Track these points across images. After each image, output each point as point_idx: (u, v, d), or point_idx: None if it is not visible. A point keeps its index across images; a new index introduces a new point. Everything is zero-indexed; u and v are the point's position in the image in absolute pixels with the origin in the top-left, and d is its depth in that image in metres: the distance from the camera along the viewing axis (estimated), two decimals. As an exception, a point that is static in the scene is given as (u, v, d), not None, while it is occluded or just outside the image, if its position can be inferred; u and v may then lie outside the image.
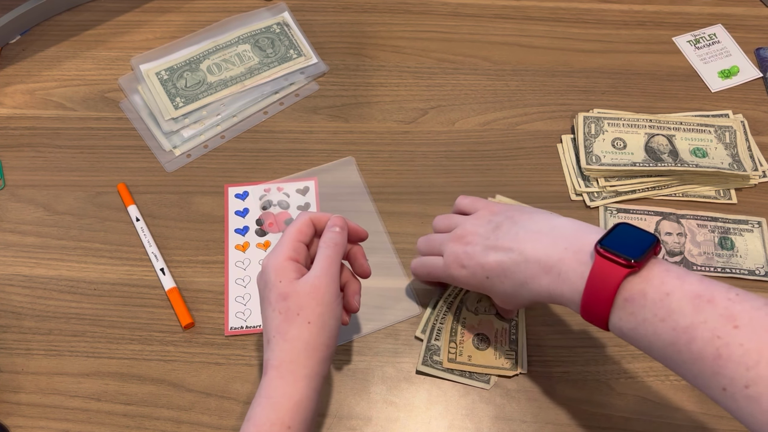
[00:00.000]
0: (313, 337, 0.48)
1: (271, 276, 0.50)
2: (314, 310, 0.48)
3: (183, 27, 0.81)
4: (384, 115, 0.75)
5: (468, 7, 0.83)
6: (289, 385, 0.47)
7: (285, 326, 0.48)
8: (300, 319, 0.48)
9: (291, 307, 0.49)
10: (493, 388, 0.59)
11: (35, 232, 0.68)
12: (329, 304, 0.49)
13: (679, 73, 0.78)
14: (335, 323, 0.50)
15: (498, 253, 0.51)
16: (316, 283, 0.49)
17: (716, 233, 0.67)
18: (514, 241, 0.50)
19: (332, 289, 0.50)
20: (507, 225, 0.52)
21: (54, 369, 0.60)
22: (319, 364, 0.48)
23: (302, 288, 0.49)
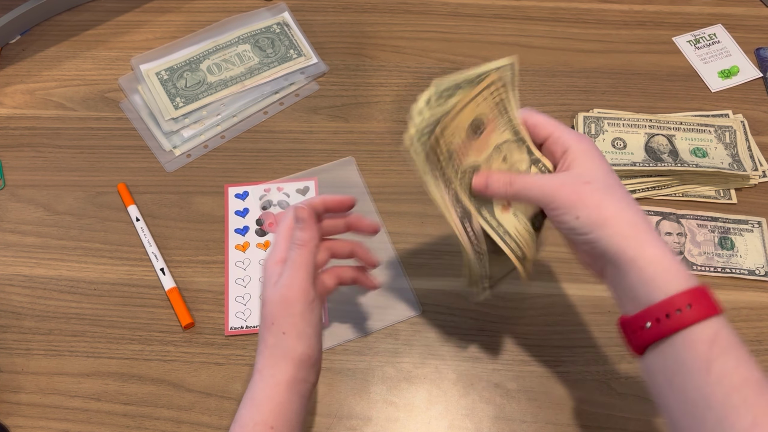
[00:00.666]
0: (291, 346, 0.48)
1: (263, 278, 0.50)
2: (286, 321, 0.48)
3: (183, 27, 0.81)
4: (384, 115, 0.75)
5: (468, 7, 0.83)
6: (270, 388, 0.47)
7: (265, 333, 0.49)
8: (275, 328, 0.48)
9: (266, 315, 0.49)
10: (493, 388, 0.59)
11: (35, 232, 0.68)
12: (301, 314, 0.48)
13: (679, 73, 0.78)
14: (312, 330, 0.48)
15: None
16: (284, 293, 0.48)
17: (716, 233, 0.67)
18: None
19: (302, 297, 0.48)
20: None
21: (54, 369, 0.60)
22: (299, 371, 0.48)
23: (273, 297, 0.48)
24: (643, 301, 0.42)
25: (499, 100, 0.48)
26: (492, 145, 0.48)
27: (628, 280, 0.43)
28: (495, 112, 0.48)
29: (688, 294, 0.41)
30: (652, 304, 0.41)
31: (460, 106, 0.46)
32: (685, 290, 0.41)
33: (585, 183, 0.45)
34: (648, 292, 0.42)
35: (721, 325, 0.41)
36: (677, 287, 0.41)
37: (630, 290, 0.43)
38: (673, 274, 0.42)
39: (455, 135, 0.46)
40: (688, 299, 0.41)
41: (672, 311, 0.41)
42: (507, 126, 0.49)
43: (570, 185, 0.46)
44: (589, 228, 0.44)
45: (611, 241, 0.44)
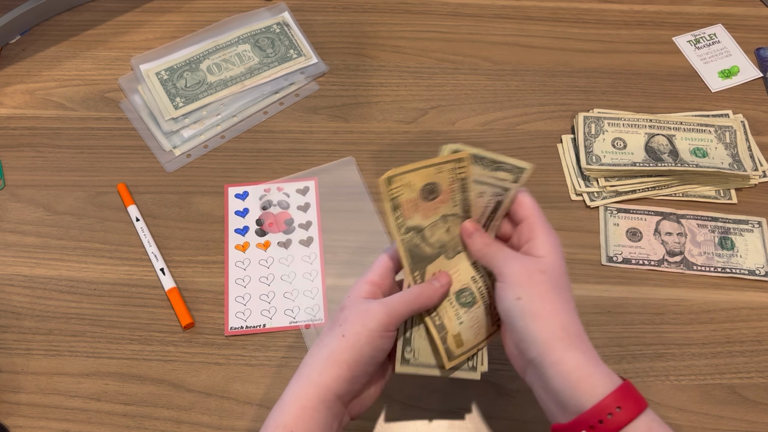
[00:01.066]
0: (340, 351, 0.46)
1: (352, 289, 0.50)
2: (352, 328, 0.47)
3: (183, 27, 0.81)
4: (384, 115, 0.75)
5: (468, 7, 0.83)
6: (300, 388, 0.46)
7: (325, 331, 0.48)
8: (338, 329, 0.47)
9: (339, 317, 0.48)
10: (495, 388, 0.59)
11: (35, 232, 0.68)
12: (371, 331, 0.46)
13: (679, 73, 0.78)
14: (370, 351, 0.47)
15: None
16: (372, 308, 0.47)
17: (716, 233, 0.67)
18: None
19: (384, 321, 0.47)
20: None
21: (54, 369, 0.60)
22: (334, 380, 0.46)
23: (359, 306, 0.48)
24: (572, 409, 0.43)
25: (463, 178, 0.50)
26: (440, 214, 0.50)
27: (553, 384, 0.44)
28: (453, 186, 0.50)
29: (616, 395, 0.42)
30: (583, 412, 0.42)
31: (419, 165, 0.49)
32: (612, 392, 0.42)
33: (540, 272, 0.46)
34: (576, 399, 0.43)
35: (651, 418, 0.42)
36: (604, 390, 0.42)
37: (556, 395, 0.44)
38: (598, 377, 0.43)
39: (404, 190, 0.49)
40: (617, 401, 0.42)
41: (604, 416, 0.41)
42: (460, 203, 0.51)
43: (527, 267, 0.47)
44: (523, 315, 0.45)
45: (539, 337, 0.44)
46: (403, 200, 0.49)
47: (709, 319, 0.63)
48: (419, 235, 0.50)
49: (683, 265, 0.65)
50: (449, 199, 0.50)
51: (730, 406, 0.59)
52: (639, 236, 0.67)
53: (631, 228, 0.67)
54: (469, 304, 0.50)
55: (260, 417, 0.58)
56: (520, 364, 0.47)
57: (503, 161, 0.51)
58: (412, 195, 0.49)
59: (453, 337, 0.50)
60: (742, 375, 0.60)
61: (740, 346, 0.61)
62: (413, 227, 0.50)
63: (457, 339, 0.50)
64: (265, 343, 0.62)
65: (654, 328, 0.62)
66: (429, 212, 0.50)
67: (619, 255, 0.66)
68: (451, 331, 0.50)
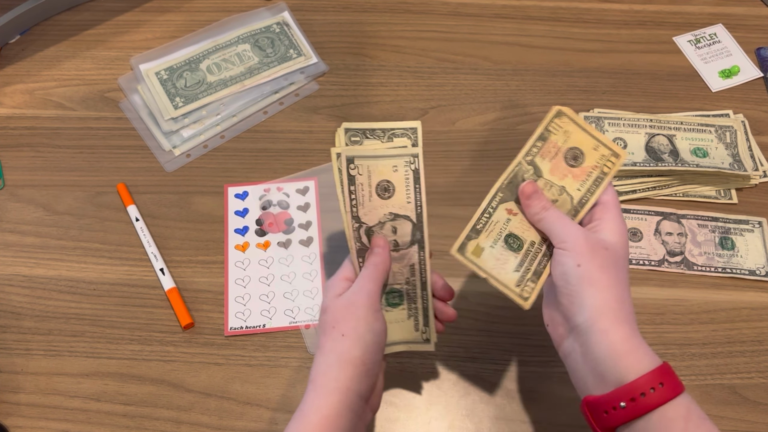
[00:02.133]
0: (346, 350, 0.47)
1: (325, 295, 0.51)
2: (348, 323, 0.48)
3: (183, 27, 0.81)
4: (384, 115, 0.75)
5: (468, 7, 0.83)
6: (319, 398, 0.46)
7: (322, 339, 0.48)
8: (335, 332, 0.48)
9: (328, 320, 0.49)
10: (493, 388, 0.59)
11: (35, 232, 0.67)
12: (364, 318, 0.48)
13: (679, 73, 0.78)
14: (372, 338, 0.48)
15: None
16: (352, 298, 0.49)
17: (717, 233, 0.67)
18: None
19: (368, 302, 0.49)
20: None
21: (54, 369, 0.60)
22: (351, 380, 0.46)
23: (339, 302, 0.49)
24: (611, 379, 0.43)
25: (603, 174, 0.51)
26: (562, 184, 0.51)
27: (597, 352, 0.44)
28: (593, 172, 0.51)
29: (658, 373, 0.42)
30: (625, 384, 0.42)
31: (589, 129, 0.51)
32: (655, 369, 0.43)
33: (604, 247, 0.47)
34: (618, 370, 0.43)
35: (689, 400, 0.43)
36: (648, 366, 0.43)
37: (597, 364, 0.44)
38: (642, 353, 0.44)
39: (562, 135, 0.51)
40: (660, 378, 0.42)
41: (647, 390, 0.42)
42: (584, 192, 0.51)
43: (591, 240, 0.47)
44: (580, 280, 0.46)
45: (593, 303, 0.45)
46: (552, 139, 0.51)
47: (709, 319, 0.63)
48: (535, 176, 0.51)
49: (683, 265, 0.65)
50: (581, 179, 0.51)
51: (731, 406, 0.59)
52: (639, 236, 0.67)
53: (632, 228, 0.67)
54: (511, 247, 0.51)
55: (260, 417, 0.58)
56: (560, 331, 0.48)
57: (393, 127, 0.52)
58: (561, 144, 0.51)
59: (476, 245, 0.51)
60: (742, 375, 0.60)
61: (740, 346, 0.61)
62: (537, 166, 0.51)
63: (477, 249, 0.51)
64: (264, 343, 0.62)
65: (654, 328, 0.62)
66: (557, 171, 0.51)
67: (620, 255, 0.66)
68: (480, 242, 0.51)
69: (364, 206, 0.52)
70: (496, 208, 0.51)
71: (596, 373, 0.44)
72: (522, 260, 0.51)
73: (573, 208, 0.51)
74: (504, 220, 0.51)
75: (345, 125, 0.52)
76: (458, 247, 0.50)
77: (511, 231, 0.51)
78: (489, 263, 0.51)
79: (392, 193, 0.52)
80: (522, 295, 0.50)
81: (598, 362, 0.44)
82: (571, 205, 0.51)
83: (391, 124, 0.53)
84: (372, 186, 0.51)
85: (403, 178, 0.52)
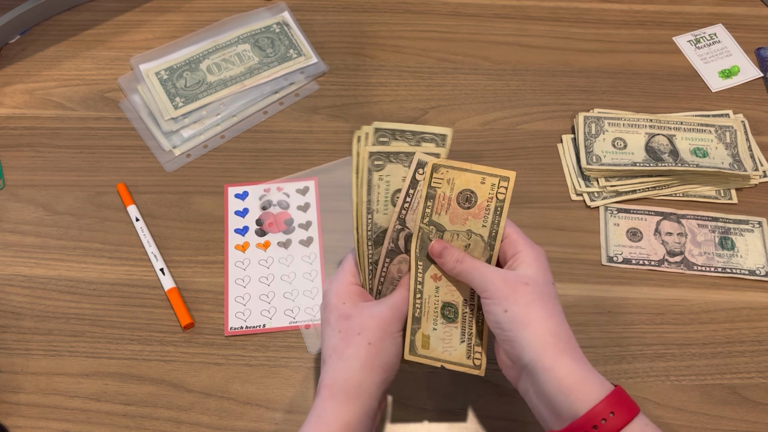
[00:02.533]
0: (371, 357, 0.47)
1: (332, 299, 0.50)
2: (376, 333, 0.48)
3: (183, 27, 0.81)
4: (384, 115, 0.75)
5: (468, 7, 0.83)
6: (340, 405, 0.46)
7: (343, 345, 0.48)
8: (360, 338, 0.47)
9: (353, 326, 0.48)
10: (495, 388, 0.59)
11: (35, 232, 0.67)
12: (392, 333, 0.49)
13: (679, 73, 0.78)
14: (395, 350, 0.49)
15: None
16: (383, 312, 0.49)
17: (717, 233, 0.67)
18: None
19: (398, 322, 0.49)
20: None
21: (54, 369, 0.60)
22: (373, 386, 0.47)
23: (368, 312, 0.49)
24: (566, 414, 0.43)
25: (501, 200, 0.50)
26: (467, 228, 0.51)
27: (547, 390, 0.44)
28: (489, 204, 0.50)
29: (609, 400, 0.43)
30: (577, 418, 0.43)
31: (467, 167, 0.50)
32: (605, 397, 0.43)
33: (524, 283, 0.47)
34: (569, 404, 0.43)
35: (644, 422, 0.43)
36: (597, 396, 0.43)
37: (550, 401, 0.44)
38: (590, 383, 0.44)
39: (444, 185, 0.50)
40: (610, 406, 0.42)
41: (598, 422, 0.42)
42: (490, 226, 0.51)
43: (509, 281, 0.47)
44: (512, 325, 0.46)
45: (531, 343, 0.45)
46: (439, 193, 0.50)
47: (709, 319, 0.63)
48: (439, 233, 0.51)
49: (683, 265, 0.65)
50: (481, 216, 0.51)
51: (731, 407, 0.59)
52: (639, 236, 0.67)
53: (632, 228, 0.67)
54: (449, 319, 0.51)
55: (261, 417, 0.58)
56: (512, 374, 0.48)
57: (424, 131, 0.52)
58: (449, 194, 0.50)
59: (422, 335, 0.51)
60: (742, 375, 0.60)
61: (740, 346, 0.61)
62: (436, 223, 0.51)
63: (424, 340, 0.51)
64: (265, 343, 0.62)
65: (654, 328, 0.62)
66: (457, 219, 0.51)
67: (620, 255, 0.66)
68: (423, 330, 0.51)
69: (415, 212, 0.51)
70: (423, 280, 0.51)
71: (551, 410, 0.45)
72: (462, 328, 0.51)
73: (487, 245, 0.50)
74: (434, 290, 0.51)
75: (376, 125, 0.51)
76: (408, 349, 0.51)
77: (443, 300, 0.51)
78: (438, 348, 0.51)
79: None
80: (474, 365, 0.51)
81: (549, 399, 0.44)
82: (484, 242, 0.50)
83: (422, 128, 0.52)
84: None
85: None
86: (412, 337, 0.51)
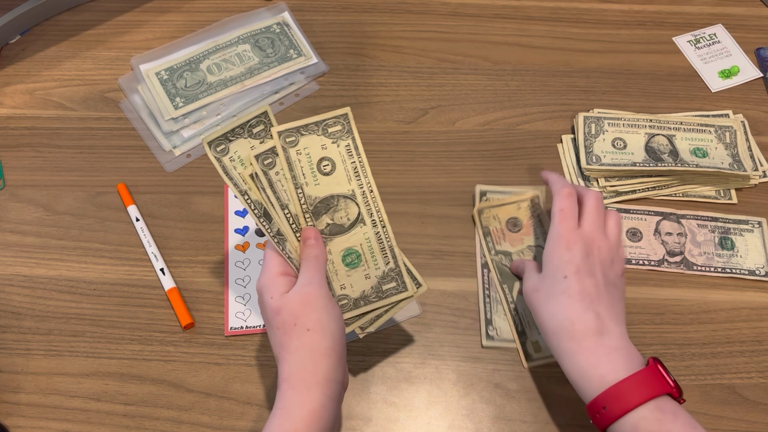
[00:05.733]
0: (316, 343, 0.47)
1: (263, 295, 0.50)
2: (310, 317, 0.48)
3: (183, 27, 0.81)
4: (384, 115, 0.75)
5: (468, 7, 0.83)
6: (301, 395, 0.46)
7: (286, 339, 0.48)
8: (298, 328, 0.48)
9: (286, 319, 0.48)
10: (493, 388, 0.59)
11: (35, 232, 0.67)
12: (324, 308, 0.49)
13: (679, 73, 0.78)
14: (336, 325, 0.49)
15: None
16: (304, 291, 0.49)
17: (716, 233, 0.67)
18: None
19: (323, 293, 0.49)
20: None
21: (54, 369, 0.60)
22: (330, 370, 0.47)
23: (293, 298, 0.49)
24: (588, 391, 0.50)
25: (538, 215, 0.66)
26: (525, 244, 0.65)
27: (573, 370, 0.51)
28: (532, 222, 0.66)
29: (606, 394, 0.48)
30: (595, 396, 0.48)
31: (502, 202, 0.66)
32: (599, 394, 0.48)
33: (535, 290, 0.55)
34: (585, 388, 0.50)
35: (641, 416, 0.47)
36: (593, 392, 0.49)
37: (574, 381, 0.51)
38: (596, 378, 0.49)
39: (492, 221, 0.66)
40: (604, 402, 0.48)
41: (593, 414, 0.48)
42: (542, 236, 0.65)
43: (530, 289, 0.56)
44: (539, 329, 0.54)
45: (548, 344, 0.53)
46: (492, 229, 0.65)
47: (709, 319, 0.63)
48: (508, 257, 0.64)
49: (683, 266, 0.65)
50: (531, 233, 0.65)
51: (730, 406, 0.59)
52: (639, 236, 0.67)
53: (632, 228, 0.67)
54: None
55: (261, 417, 0.58)
56: None
57: (324, 118, 0.53)
58: (499, 226, 0.65)
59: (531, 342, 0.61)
60: (742, 375, 0.60)
61: (740, 346, 0.61)
62: (502, 251, 0.64)
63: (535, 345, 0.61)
64: (265, 343, 0.62)
65: (654, 328, 0.62)
66: (515, 241, 0.65)
67: (619, 255, 0.66)
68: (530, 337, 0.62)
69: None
70: (515, 297, 0.62)
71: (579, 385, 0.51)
72: None
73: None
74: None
75: (274, 129, 0.53)
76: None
77: None
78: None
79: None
80: None
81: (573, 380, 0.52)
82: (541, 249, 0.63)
83: (322, 116, 0.53)
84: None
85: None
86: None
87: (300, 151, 0.52)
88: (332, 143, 0.53)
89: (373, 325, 0.54)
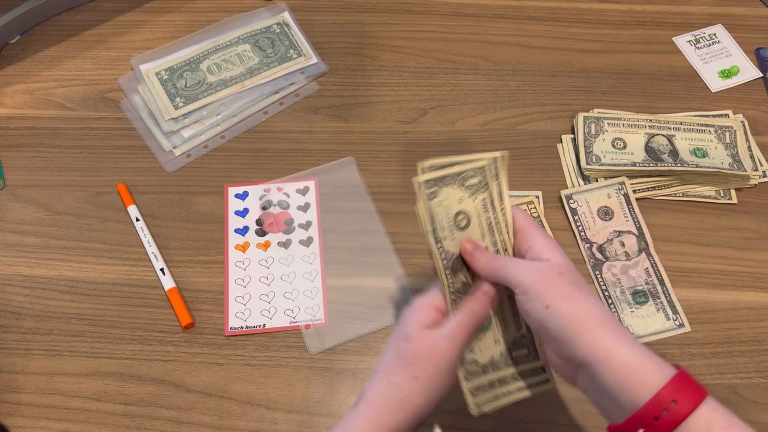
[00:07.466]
0: (414, 394, 0.45)
1: (408, 313, 0.48)
2: (425, 369, 0.45)
3: (183, 27, 0.81)
4: (384, 115, 0.75)
5: (468, 7, 0.83)
6: (371, 427, 0.45)
7: (394, 367, 0.46)
8: (409, 368, 0.46)
9: (407, 351, 0.46)
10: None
11: (35, 232, 0.68)
12: (442, 370, 0.46)
13: (679, 73, 0.78)
14: (440, 394, 0.46)
15: None
16: (437, 342, 0.46)
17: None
18: None
19: (450, 355, 0.46)
20: None
21: (54, 369, 0.60)
22: (407, 422, 0.45)
23: (424, 339, 0.46)
24: (627, 406, 0.41)
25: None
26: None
27: (605, 384, 0.42)
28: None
29: (671, 387, 0.40)
30: (638, 409, 0.40)
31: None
32: (667, 383, 0.40)
33: (558, 273, 0.45)
34: (630, 396, 0.41)
35: (712, 408, 0.40)
36: (658, 382, 0.40)
37: (610, 395, 0.42)
38: (649, 370, 0.41)
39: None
40: (673, 394, 0.40)
41: (659, 412, 0.39)
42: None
43: (543, 272, 0.45)
44: (557, 322, 0.43)
45: (582, 340, 0.42)
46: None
47: (709, 319, 0.63)
48: None
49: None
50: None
51: (730, 406, 0.58)
52: (611, 215, 0.67)
53: (602, 207, 0.67)
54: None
55: (261, 417, 0.58)
56: (568, 372, 0.46)
57: (465, 170, 0.48)
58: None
59: None
60: (742, 375, 0.60)
61: (740, 346, 0.61)
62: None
63: None
64: (265, 343, 0.62)
65: (654, 328, 0.62)
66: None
67: (619, 255, 0.66)
68: None
69: None
70: None
71: (613, 403, 0.42)
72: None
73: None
74: None
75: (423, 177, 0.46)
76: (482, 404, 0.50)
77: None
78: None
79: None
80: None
81: (610, 392, 0.42)
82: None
83: (465, 166, 0.48)
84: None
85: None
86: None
87: (441, 203, 0.47)
88: (469, 196, 0.48)
89: (491, 405, 0.50)
